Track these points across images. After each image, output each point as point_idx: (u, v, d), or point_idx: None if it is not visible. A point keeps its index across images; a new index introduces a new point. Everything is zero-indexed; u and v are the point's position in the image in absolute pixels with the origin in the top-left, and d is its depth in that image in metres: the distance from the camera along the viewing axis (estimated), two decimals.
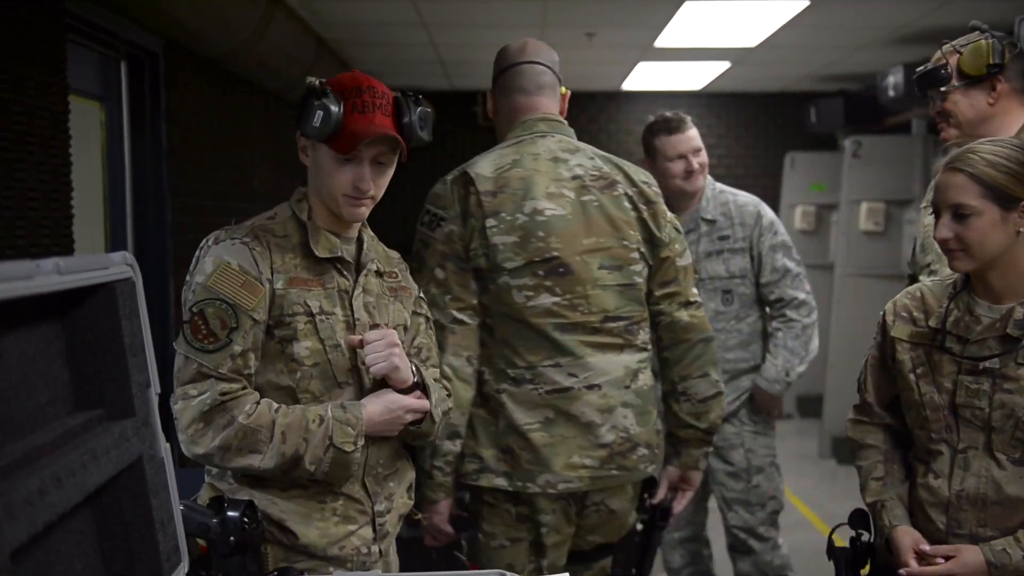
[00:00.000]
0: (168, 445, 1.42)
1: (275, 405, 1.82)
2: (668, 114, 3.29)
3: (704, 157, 3.22)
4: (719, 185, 3.31)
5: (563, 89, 2.46)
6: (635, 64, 6.67)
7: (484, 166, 2.28)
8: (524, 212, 2.22)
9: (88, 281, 1.22)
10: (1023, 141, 1.86)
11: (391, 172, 1.90)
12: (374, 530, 1.93)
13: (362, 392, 1.90)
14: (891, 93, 6.00)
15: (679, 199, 3.19)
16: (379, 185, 1.88)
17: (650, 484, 2.42)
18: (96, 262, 1.26)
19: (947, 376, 1.88)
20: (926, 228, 2.35)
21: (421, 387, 1.92)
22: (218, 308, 1.79)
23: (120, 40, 3.64)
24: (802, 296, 3.20)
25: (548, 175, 2.26)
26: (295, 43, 4.94)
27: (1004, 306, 1.84)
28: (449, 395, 2.08)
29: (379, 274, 1.97)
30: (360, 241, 1.96)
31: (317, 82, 1.82)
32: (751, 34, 5.65)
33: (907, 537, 1.89)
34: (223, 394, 1.79)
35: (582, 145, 2.36)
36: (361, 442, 1.83)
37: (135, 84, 3.87)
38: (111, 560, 1.30)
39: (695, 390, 2.37)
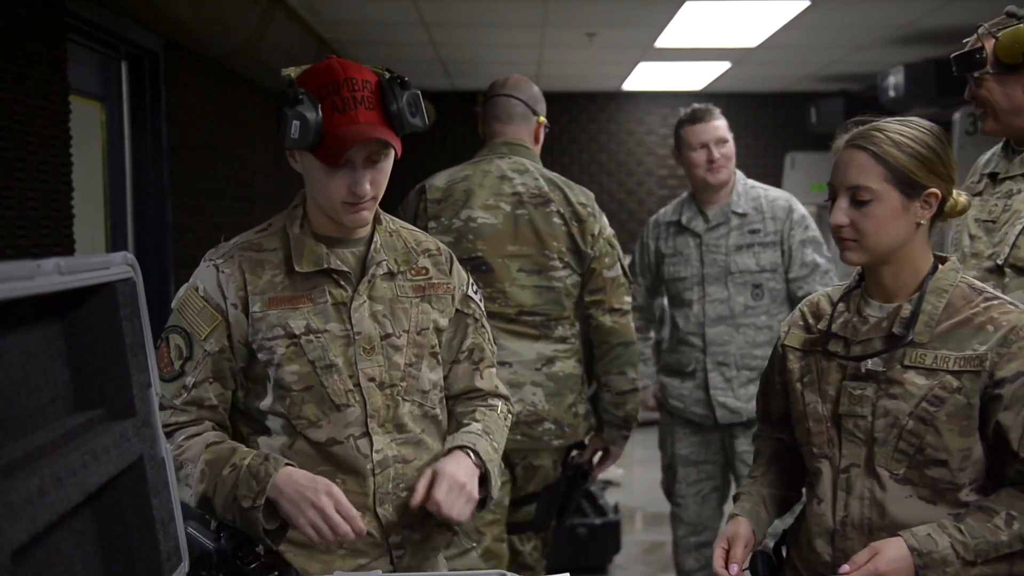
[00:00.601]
0: (169, 445, 1.42)
1: (212, 439, 1.71)
2: (696, 105, 3.30)
3: (729, 149, 3.20)
4: (750, 181, 3.30)
5: (540, 119, 2.87)
6: (635, 64, 6.67)
7: (439, 179, 2.75)
8: (460, 218, 2.69)
9: (89, 281, 1.22)
10: (934, 126, 1.68)
11: (389, 166, 1.74)
12: (392, 563, 1.78)
13: (367, 413, 1.75)
14: (892, 93, 5.99)
15: (705, 191, 3.21)
16: (378, 184, 1.73)
17: (580, 446, 2.89)
18: (97, 262, 1.26)
19: (832, 383, 1.70)
20: (958, 222, 2.30)
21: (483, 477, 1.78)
22: (177, 336, 1.75)
23: (120, 40, 3.65)
24: None
25: (490, 190, 2.71)
26: (296, 43, 4.94)
27: (893, 304, 1.67)
28: (509, 411, 1.97)
29: (393, 275, 1.80)
30: (369, 242, 1.80)
31: (290, 77, 1.69)
32: (752, 34, 5.65)
33: (732, 526, 1.76)
34: (166, 425, 1.72)
35: (532, 167, 2.77)
36: (261, 500, 1.61)
37: (135, 84, 3.87)
38: (111, 560, 1.30)
39: (613, 384, 2.81)
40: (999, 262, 2.15)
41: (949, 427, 1.59)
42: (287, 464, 1.66)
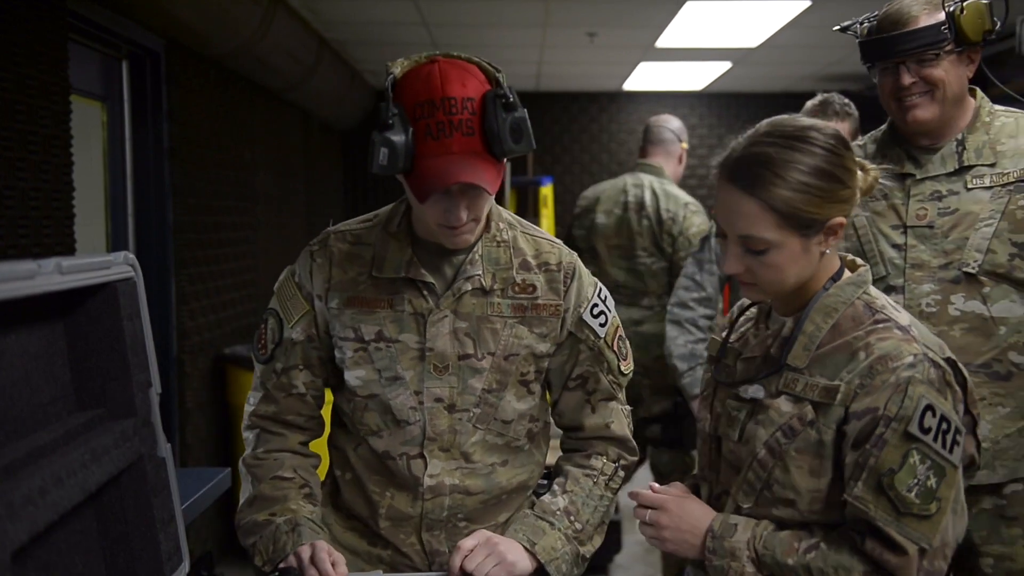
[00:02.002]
0: (169, 445, 1.42)
1: (279, 473, 1.69)
2: (820, 98, 3.15)
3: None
4: None
5: (683, 145, 3.86)
6: (637, 64, 6.67)
7: (589, 190, 4.01)
8: (589, 219, 3.90)
9: (89, 281, 1.23)
10: (826, 135, 1.42)
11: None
12: None
13: (425, 434, 1.66)
14: None
15: None
16: (478, 208, 1.57)
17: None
18: (97, 262, 1.26)
19: (720, 400, 1.55)
20: (860, 230, 2.11)
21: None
22: (272, 320, 1.74)
23: (122, 39, 3.64)
24: None
25: (611, 199, 3.86)
26: (297, 42, 4.94)
27: (784, 319, 1.49)
28: (617, 464, 1.78)
29: (487, 292, 1.66)
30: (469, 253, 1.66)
31: (393, 78, 1.53)
32: (752, 34, 5.65)
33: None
34: (256, 415, 1.75)
35: (648, 182, 3.79)
36: (269, 569, 1.60)
37: (137, 84, 3.86)
38: (112, 559, 1.30)
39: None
40: (969, 271, 1.99)
41: (798, 464, 1.42)
42: (306, 543, 1.59)
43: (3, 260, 1.27)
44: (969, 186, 2.03)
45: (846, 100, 3.13)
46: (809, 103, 3.14)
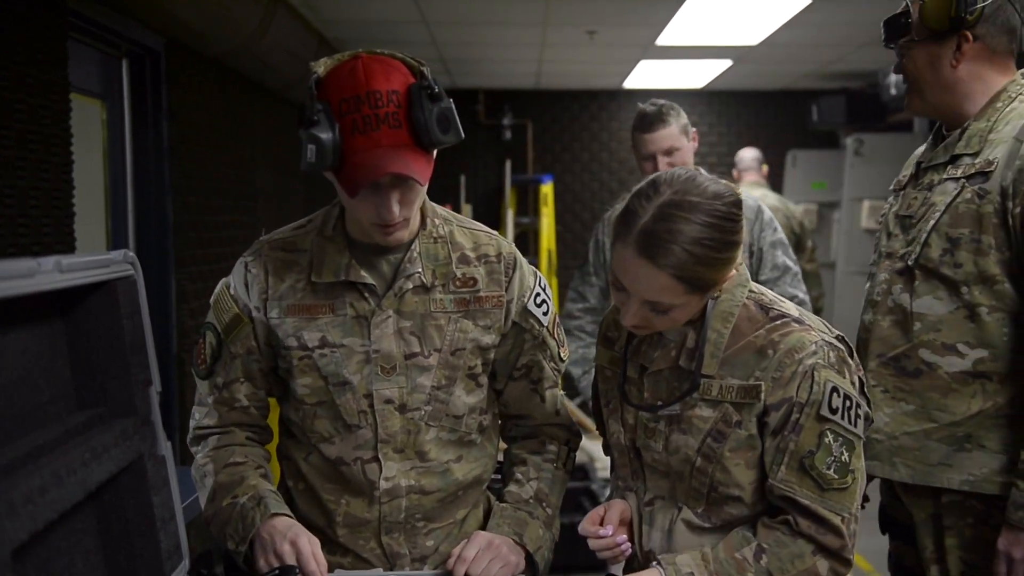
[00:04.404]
0: (169, 443, 1.42)
1: (231, 460, 1.67)
2: (647, 108, 3.05)
3: (680, 157, 2.99)
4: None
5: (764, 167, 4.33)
6: (637, 62, 6.66)
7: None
8: None
9: (89, 279, 1.23)
10: (720, 201, 1.43)
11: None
12: None
13: (378, 437, 1.65)
14: (893, 91, 5.99)
15: None
16: (410, 203, 1.56)
17: None
18: (97, 260, 1.26)
19: (632, 412, 1.57)
20: (882, 220, 2.10)
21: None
22: (210, 334, 1.71)
23: (122, 38, 3.64)
24: (801, 295, 3.16)
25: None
26: (297, 41, 4.94)
27: (681, 331, 1.53)
28: (569, 448, 1.83)
29: (428, 288, 1.65)
30: (407, 251, 1.65)
31: (316, 76, 1.53)
32: (753, 32, 5.64)
33: (608, 504, 1.62)
34: (200, 427, 1.74)
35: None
36: (244, 547, 1.57)
37: (137, 82, 3.86)
38: (112, 558, 1.30)
39: None
40: (909, 263, 1.95)
41: (735, 461, 1.48)
42: (275, 514, 1.59)
43: (3, 258, 1.27)
44: (946, 176, 1.95)
45: (660, 103, 3.02)
46: (638, 120, 3.02)
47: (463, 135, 1.55)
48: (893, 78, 5.93)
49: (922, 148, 2.14)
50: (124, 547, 1.30)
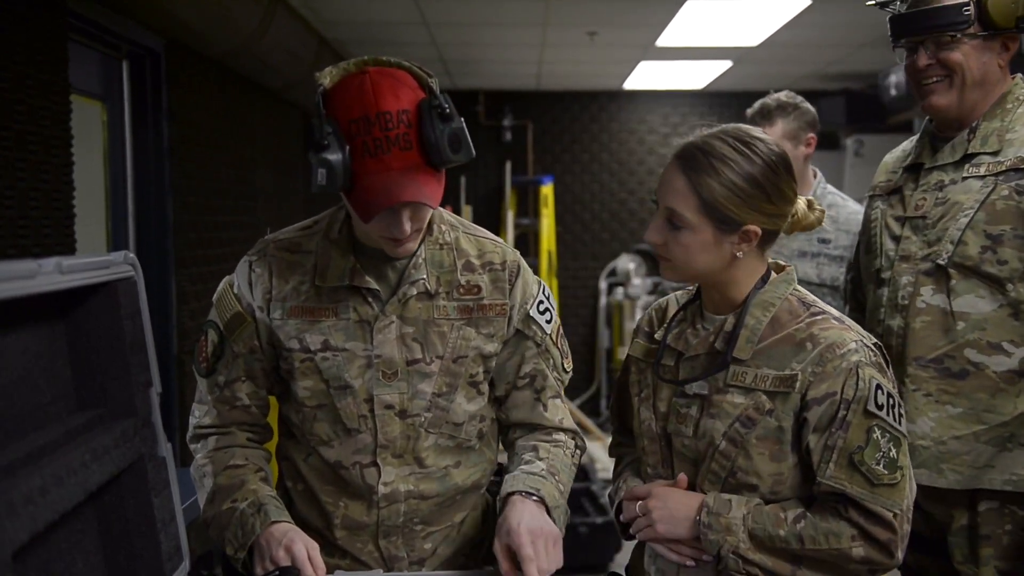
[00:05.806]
0: (169, 444, 1.42)
1: (231, 462, 1.66)
2: (765, 100, 2.95)
3: (799, 151, 2.88)
4: (830, 187, 3.00)
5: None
6: (637, 63, 6.66)
7: None
8: None
9: (90, 280, 1.23)
10: (773, 153, 1.50)
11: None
12: None
13: (377, 442, 1.65)
14: (893, 92, 5.98)
15: None
16: (420, 219, 1.56)
17: None
18: (97, 261, 1.26)
19: (664, 400, 1.60)
20: (873, 223, 2.10)
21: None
22: (213, 332, 1.70)
23: (122, 39, 3.64)
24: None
25: None
26: (297, 42, 4.94)
27: (721, 317, 1.56)
28: (577, 447, 1.81)
29: (432, 295, 1.65)
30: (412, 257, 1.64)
31: (323, 89, 1.50)
32: (753, 33, 5.64)
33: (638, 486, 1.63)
34: (200, 426, 1.73)
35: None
36: (243, 554, 1.57)
37: (137, 83, 3.86)
38: (113, 559, 1.30)
39: None
40: (940, 262, 1.94)
41: (760, 451, 1.49)
42: (275, 521, 1.58)
43: (3, 259, 1.27)
44: (965, 175, 1.95)
45: (781, 98, 2.92)
46: (749, 111, 2.97)
47: (474, 153, 1.53)
48: (893, 79, 5.93)
49: (895, 155, 2.15)
50: (124, 548, 1.30)
